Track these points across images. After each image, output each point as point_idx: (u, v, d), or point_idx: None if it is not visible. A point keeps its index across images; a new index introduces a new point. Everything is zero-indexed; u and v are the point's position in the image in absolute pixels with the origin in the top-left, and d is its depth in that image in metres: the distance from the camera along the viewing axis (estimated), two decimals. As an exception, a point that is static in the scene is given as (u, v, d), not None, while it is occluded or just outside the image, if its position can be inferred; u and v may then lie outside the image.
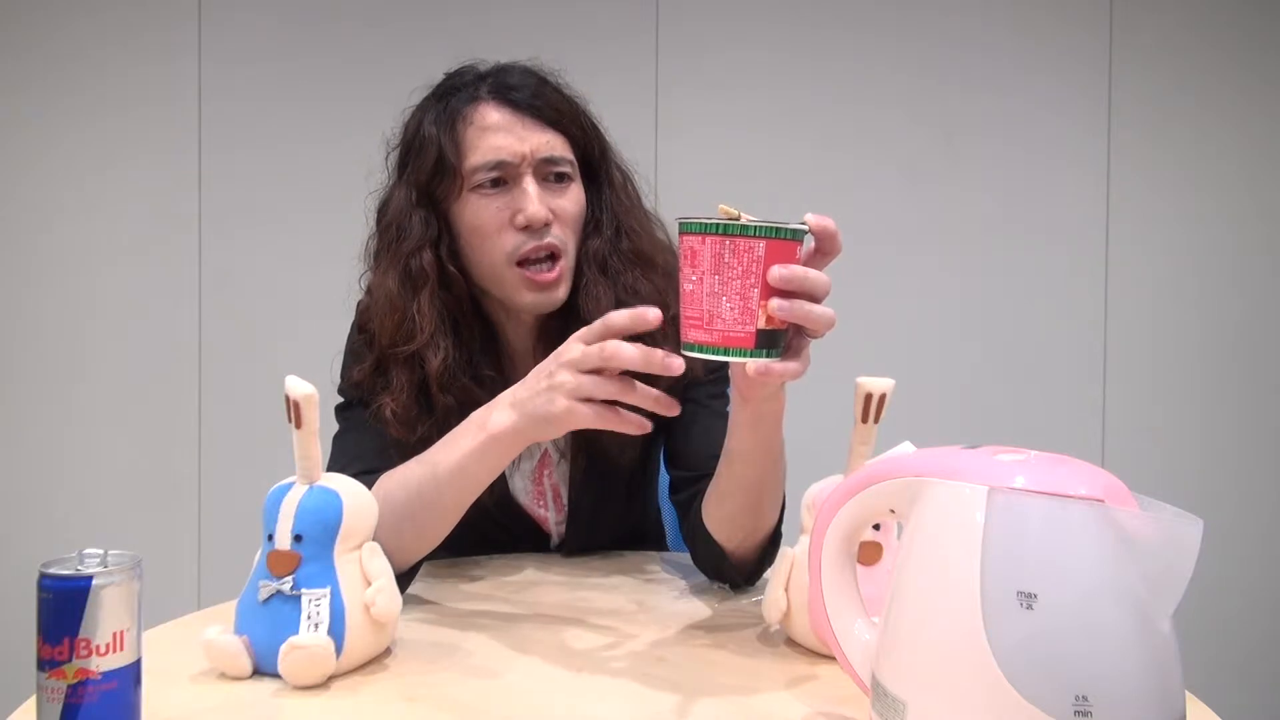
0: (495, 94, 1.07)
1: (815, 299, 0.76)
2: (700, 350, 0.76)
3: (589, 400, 0.84)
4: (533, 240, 1.05)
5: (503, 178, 1.05)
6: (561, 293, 1.08)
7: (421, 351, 1.06)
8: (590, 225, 1.11)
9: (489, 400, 1.01)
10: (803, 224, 0.76)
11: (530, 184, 1.05)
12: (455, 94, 1.09)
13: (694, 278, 0.75)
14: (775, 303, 0.74)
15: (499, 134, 1.05)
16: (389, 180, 1.14)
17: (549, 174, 1.07)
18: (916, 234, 2.32)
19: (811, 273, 0.75)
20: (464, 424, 0.94)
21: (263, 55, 2.33)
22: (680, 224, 0.76)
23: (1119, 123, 2.31)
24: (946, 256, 2.33)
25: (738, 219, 0.73)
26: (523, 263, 1.06)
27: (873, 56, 2.32)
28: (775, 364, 0.76)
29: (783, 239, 0.74)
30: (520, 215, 1.04)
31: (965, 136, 2.32)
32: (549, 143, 1.06)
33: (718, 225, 0.73)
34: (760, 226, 0.73)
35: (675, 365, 0.80)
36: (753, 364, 0.75)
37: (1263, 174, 2.32)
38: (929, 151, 2.32)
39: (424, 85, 1.15)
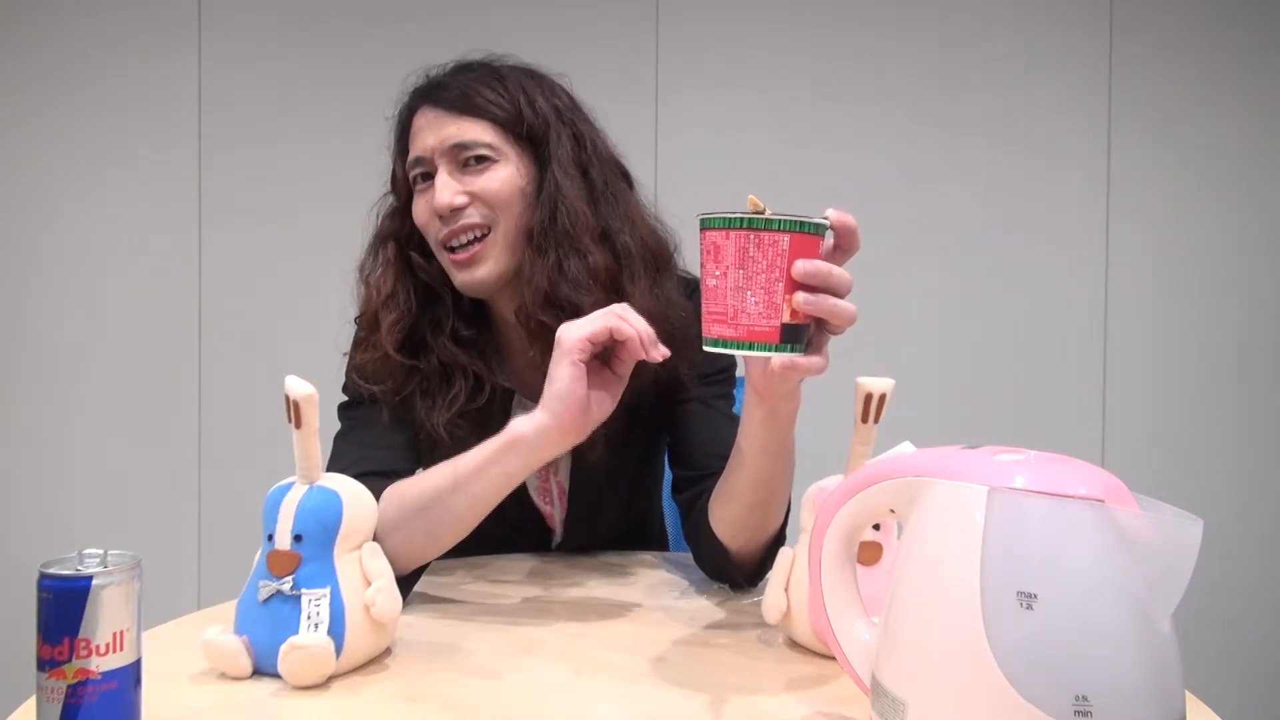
0: (423, 98, 1.11)
1: (838, 294, 0.76)
2: (724, 345, 0.75)
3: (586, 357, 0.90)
4: (447, 226, 1.08)
5: (428, 174, 1.09)
6: (484, 271, 1.08)
7: (378, 313, 1.11)
8: (534, 201, 1.10)
9: (469, 359, 1.10)
10: (824, 219, 0.76)
11: (441, 173, 1.08)
12: (407, 99, 1.14)
13: (717, 273, 0.74)
14: (800, 296, 0.74)
15: (421, 134, 1.09)
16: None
17: (466, 159, 1.08)
18: (916, 234, 2.32)
19: (835, 268, 0.75)
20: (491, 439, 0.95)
21: (263, 55, 2.33)
22: (702, 220, 0.75)
23: (1119, 123, 2.31)
24: (946, 256, 2.33)
25: (763, 212, 0.73)
26: (450, 248, 1.09)
27: (873, 56, 2.32)
28: (800, 359, 0.76)
29: (806, 233, 0.74)
30: (436, 205, 1.07)
31: (965, 136, 2.32)
32: (458, 130, 1.07)
33: (743, 219, 0.73)
34: (785, 220, 0.73)
35: (662, 353, 0.89)
36: (778, 359, 0.75)
37: (1263, 174, 2.32)
38: (929, 151, 2.32)
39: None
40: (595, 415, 0.92)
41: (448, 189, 1.06)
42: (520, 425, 0.92)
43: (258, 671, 0.80)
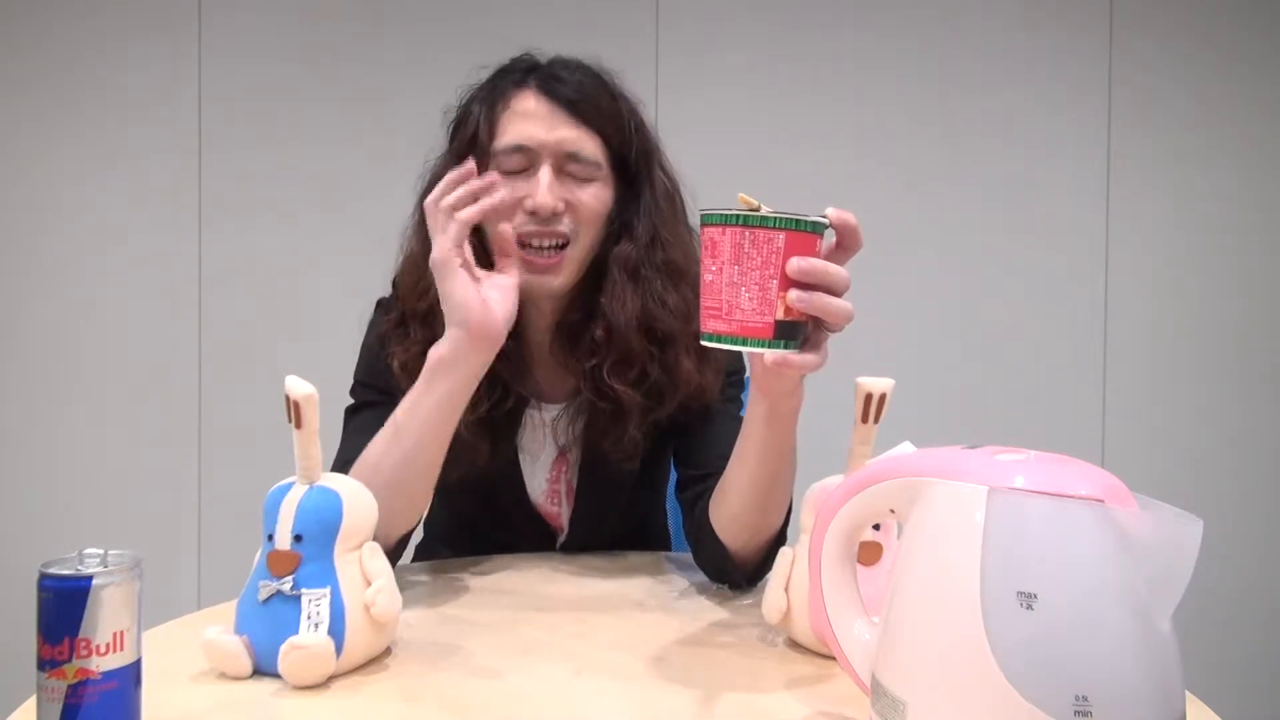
0: (539, 84, 1.08)
1: (834, 292, 0.76)
2: (718, 340, 0.75)
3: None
4: (537, 224, 1.06)
5: (524, 164, 1.07)
6: (559, 281, 1.08)
7: (434, 308, 1.07)
8: (622, 229, 1.12)
9: (501, 366, 1.05)
10: (823, 217, 0.76)
11: (545, 173, 1.06)
12: (505, 77, 1.11)
13: (714, 268, 0.75)
14: (794, 294, 0.74)
15: (530, 121, 1.06)
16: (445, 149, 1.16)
17: (572, 169, 1.07)
18: (916, 234, 2.32)
19: (831, 266, 0.75)
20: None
21: (263, 54, 2.33)
22: (701, 215, 0.76)
23: (1119, 123, 2.31)
24: (946, 256, 2.33)
25: (758, 209, 0.73)
26: (525, 245, 1.07)
27: (873, 57, 2.32)
28: (793, 355, 0.76)
29: (803, 231, 0.74)
30: (529, 200, 1.05)
31: (965, 136, 2.32)
32: (576, 138, 1.07)
33: (738, 216, 0.73)
34: (781, 218, 0.73)
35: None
36: (770, 354, 0.75)
37: (1263, 174, 2.32)
38: (929, 151, 2.32)
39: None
40: (502, 314, 0.96)
41: (553, 191, 1.05)
42: (435, 348, 0.95)
43: (258, 671, 0.80)
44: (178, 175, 2.33)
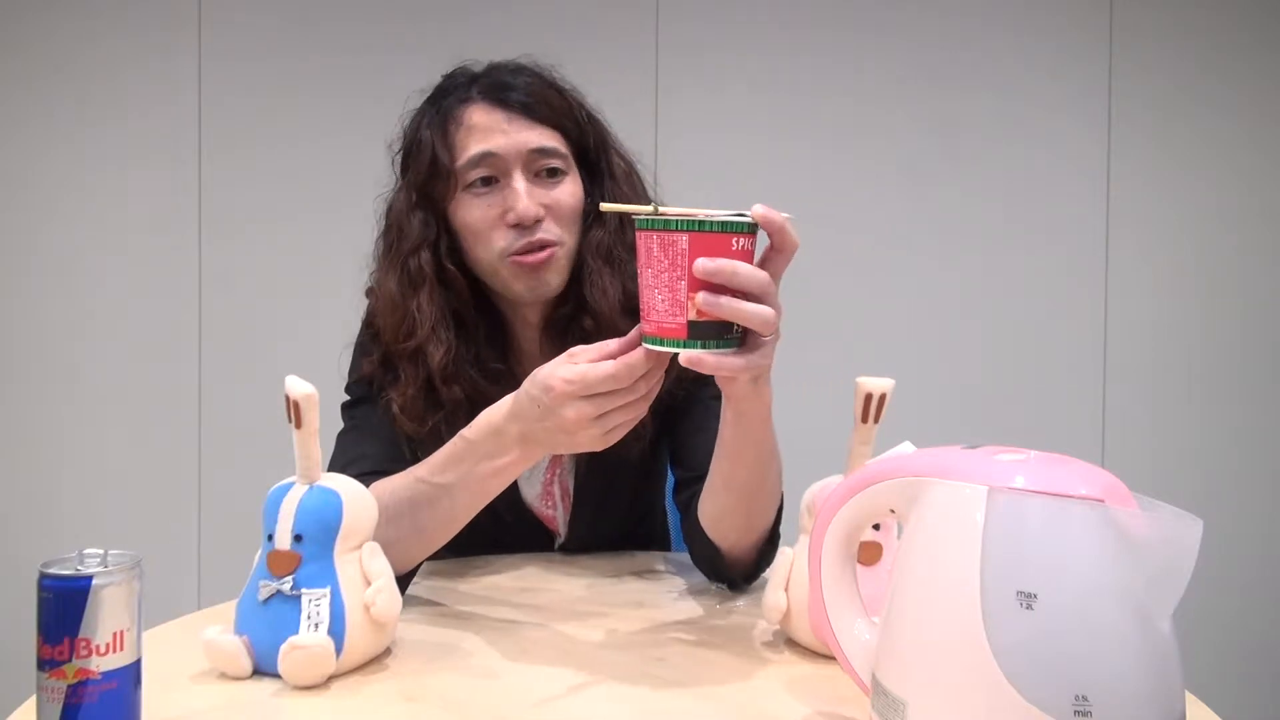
0: (485, 94, 1.07)
1: (749, 294, 0.75)
2: (647, 341, 0.78)
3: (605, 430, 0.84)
4: (524, 237, 1.05)
5: (493, 175, 1.05)
6: (553, 279, 1.08)
7: (423, 346, 1.06)
8: (591, 217, 1.11)
9: (496, 392, 1.01)
10: (742, 215, 0.75)
11: (519, 180, 1.04)
12: (447, 96, 1.09)
13: (638, 272, 0.77)
14: (701, 296, 0.74)
15: (488, 133, 1.05)
16: (395, 182, 1.15)
17: (540, 169, 1.06)
18: (916, 234, 2.32)
19: (742, 267, 0.74)
20: (465, 447, 0.92)
21: (263, 55, 2.33)
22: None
23: (1119, 123, 2.31)
24: (946, 256, 2.33)
25: (655, 213, 0.74)
26: (519, 252, 1.06)
27: (872, 56, 2.32)
28: (708, 356, 0.76)
29: (709, 232, 0.74)
30: (511, 213, 1.04)
31: (965, 136, 2.32)
32: (539, 138, 1.06)
33: (647, 221, 0.75)
34: (682, 220, 0.73)
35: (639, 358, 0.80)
36: (684, 355, 0.76)
37: (1263, 174, 2.32)
38: (929, 151, 2.32)
39: (423, 87, 1.15)
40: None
41: (531, 197, 1.04)
42: (518, 459, 0.90)
43: (258, 671, 0.80)
44: (178, 175, 2.33)
